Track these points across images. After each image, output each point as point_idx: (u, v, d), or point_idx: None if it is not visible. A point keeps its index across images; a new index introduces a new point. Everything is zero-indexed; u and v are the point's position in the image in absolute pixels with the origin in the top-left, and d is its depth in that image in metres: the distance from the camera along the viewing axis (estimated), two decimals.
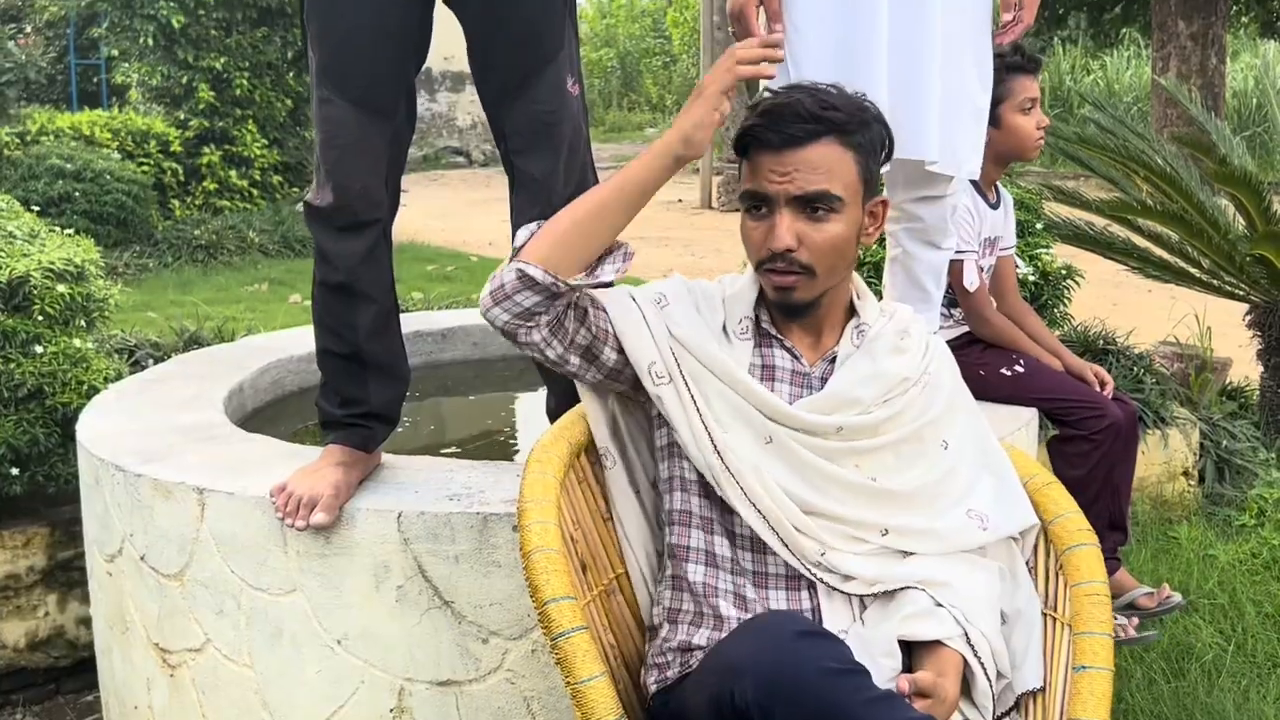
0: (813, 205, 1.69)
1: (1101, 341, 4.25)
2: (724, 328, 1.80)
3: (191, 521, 2.18)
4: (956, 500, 1.79)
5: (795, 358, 1.80)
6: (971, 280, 2.73)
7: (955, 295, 2.81)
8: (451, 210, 12.99)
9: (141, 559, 2.29)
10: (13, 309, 3.28)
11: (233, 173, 9.72)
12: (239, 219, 9.26)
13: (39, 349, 3.26)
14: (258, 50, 9.68)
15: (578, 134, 1.98)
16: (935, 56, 2.14)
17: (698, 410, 1.72)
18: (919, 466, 1.78)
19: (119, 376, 3.42)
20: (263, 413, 3.09)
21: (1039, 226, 4.07)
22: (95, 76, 13.09)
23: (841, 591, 1.69)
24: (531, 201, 2.00)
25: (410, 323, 3.64)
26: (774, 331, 1.80)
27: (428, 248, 9.67)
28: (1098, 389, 2.80)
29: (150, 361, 4.07)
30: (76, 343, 3.33)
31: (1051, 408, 2.79)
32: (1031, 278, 3.92)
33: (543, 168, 1.97)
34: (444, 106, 19.69)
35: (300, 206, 1.94)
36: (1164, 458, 4.03)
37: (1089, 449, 2.78)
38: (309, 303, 2.14)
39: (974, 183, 2.73)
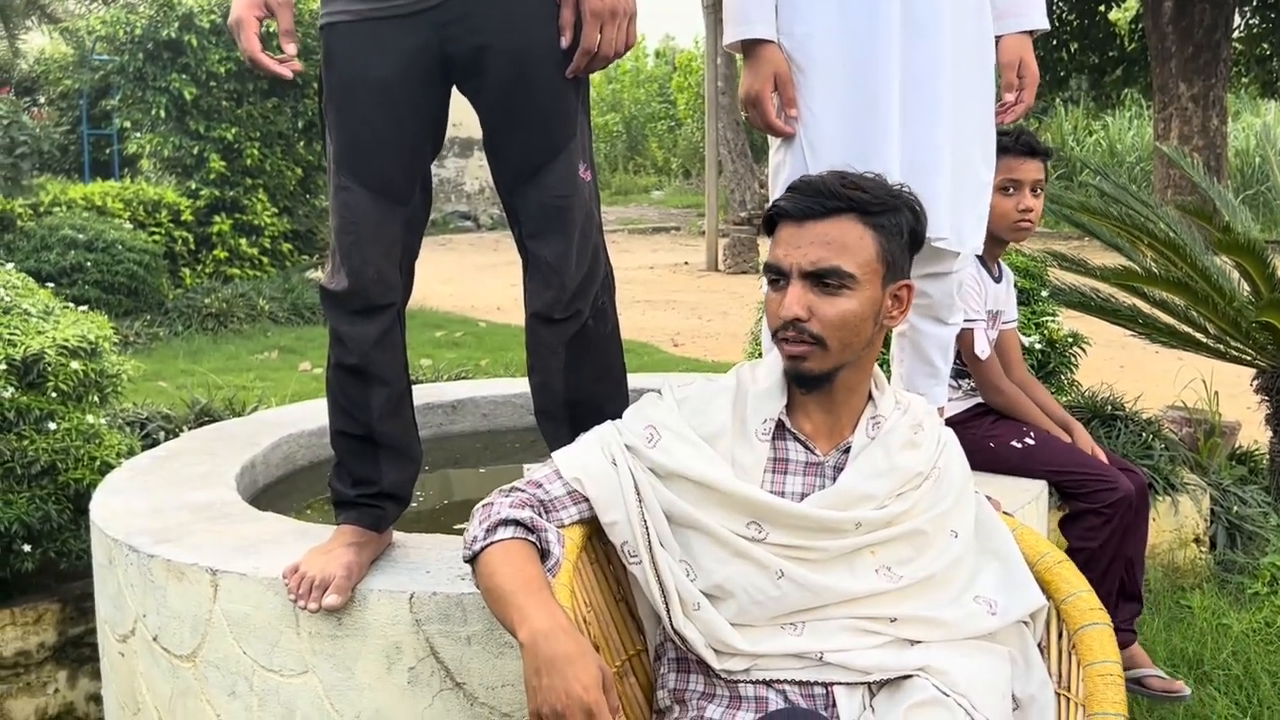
0: (823, 279, 1.72)
1: (1109, 408, 4.26)
2: (743, 426, 1.80)
3: (204, 602, 2.19)
4: (964, 587, 1.80)
5: (809, 449, 1.81)
6: (982, 349, 2.76)
7: (965, 365, 2.83)
8: (459, 275, 13.07)
9: (154, 639, 2.29)
10: (27, 386, 3.30)
11: (243, 241, 9.80)
12: (249, 287, 9.33)
13: (52, 426, 3.28)
14: (268, 120, 9.80)
15: (589, 218, 2.02)
16: (945, 137, 2.18)
17: (662, 592, 1.74)
18: (927, 555, 1.79)
19: (131, 451, 3.44)
20: (275, 488, 3.10)
21: (1044, 294, 4.09)
22: (108, 147, 13.23)
23: (849, 683, 1.70)
24: (545, 284, 2.03)
25: (420, 395, 3.65)
26: (789, 424, 1.81)
27: (435, 313, 9.72)
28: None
29: (162, 434, 4.10)
30: (89, 419, 3.35)
31: (1062, 480, 2.79)
32: (1038, 346, 3.94)
33: (554, 251, 2.00)
34: (452, 172, 19.89)
35: (315, 283, 1.96)
36: (1175, 524, 4.01)
37: (1100, 522, 2.78)
38: (319, 370, 2.16)
39: (979, 256, 2.76)
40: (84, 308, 3.82)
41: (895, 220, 1.76)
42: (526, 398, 3.90)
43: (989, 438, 2.82)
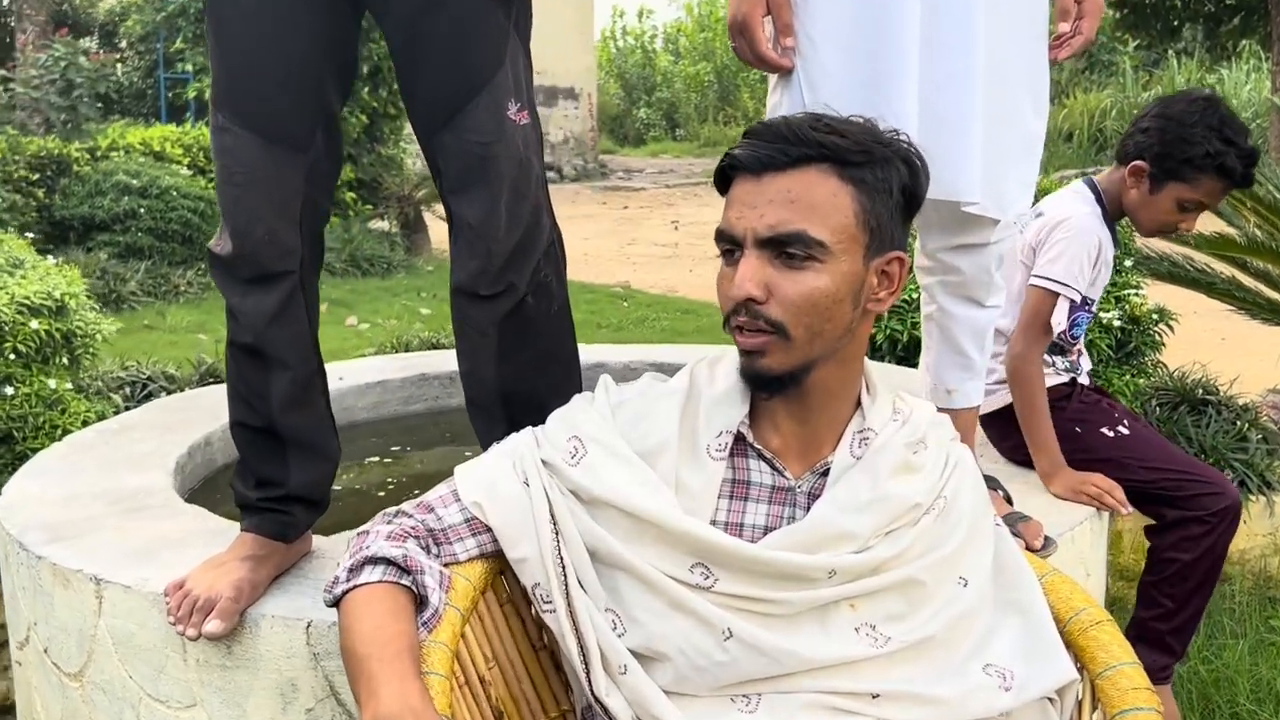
0: (785, 249, 1.32)
1: (1200, 391, 3.77)
2: (693, 440, 1.42)
3: (89, 616, 1.88)
4: (972, 653, 1.40)
5: (776, 470, 1.42)
6: (1059, 320, 2.29)
7: (1060, 340, 2.37)
8: None
9: (45, 651, 1.99)
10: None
11: None
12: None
13: (9, 390, 3.01)
14: None
15: (524, 171, 1.62)
16: (978, 76, 1.75)
17: (581, 650, 1.37)
18: (924, 611, 1.39)
19: (102, 418, 3.16)
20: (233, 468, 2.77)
21: (1128, 264, 3.62)
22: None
23: None
24: (469, 251, 1.65)
25: (417, 364, 3.33)
26: (752, 438, 1.42)
27: None
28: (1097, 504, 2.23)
29: (164, 395, 3.81)
30: (52, 383, 3.07)
31: (1161, 480, 2.34)
32: (1118, 322, 3.47)
33: (477, 211, 1.62)
34: None
35: (376, 234, 1.61)
36: (1268, 528, 3.54)
37: (1202, 531, 2.34)
38: (364, 325, 1.79)
39: (1106, 219, 2.35)
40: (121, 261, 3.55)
41: (882, 174, 1.35)
42: None
43: (1076, 420, 2.38)
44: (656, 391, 1.47)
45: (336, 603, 1.36)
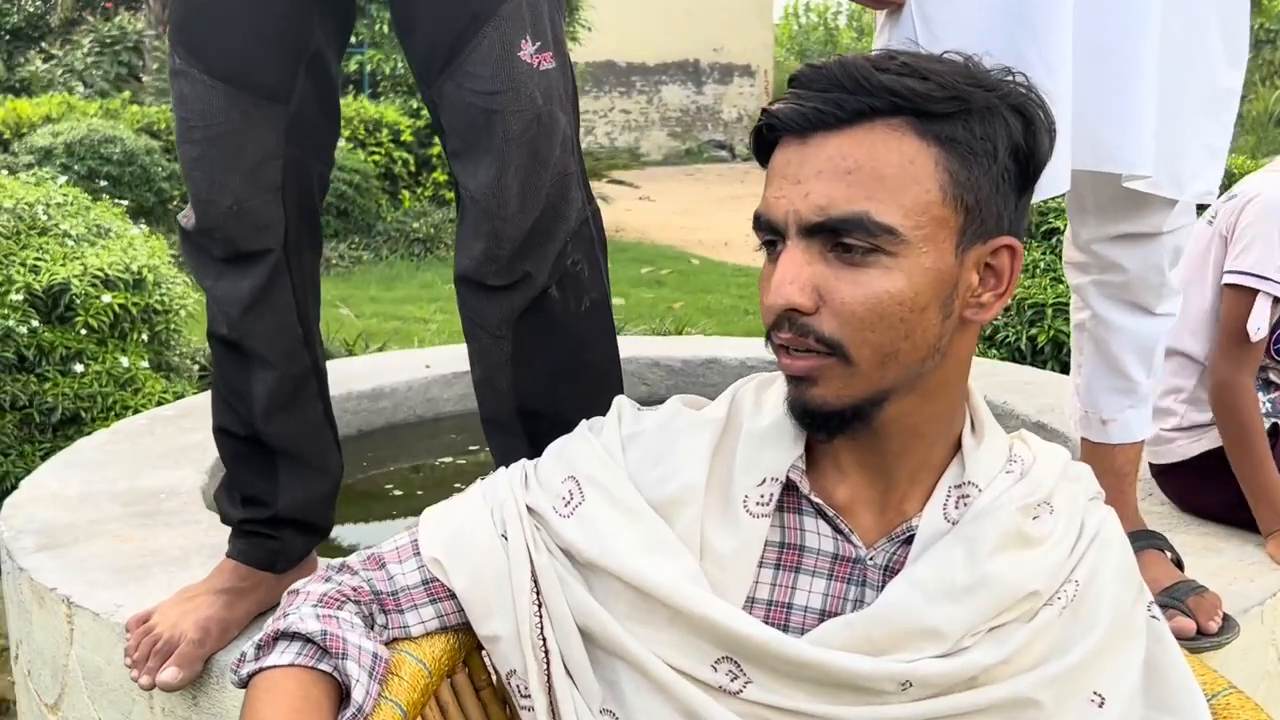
0: (841, 239, 0.93)
1: None
2: (727, 489, 1.05)
3: (61, 642, 1.63)
4: None
5: (841, 534, 1.04)
6: (1258, 325, 1.76)
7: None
8: (698, 207, 12.39)
9: (28, 674, 1.76)
10: (57, 320, 2.85)
11: None
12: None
13: (79, 368, 2.82)
14: None
15: (545, 129, 1.27)
16: (1151, 17, 1.32)
17: None
18: None
19: (178, 398, 2.96)
20: None
21: None
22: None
23: None
24: (474, 231, 1.30)
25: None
26: (807, 489, 1.04)
27: (652, 248, 9.08)
28: None
29: None
30: (125, 361, 2.87)
31: None
32: None
33: (482, 180, 1.27)
34: (710, 99, 19.15)
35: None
36: None
37: None
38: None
39: None
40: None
41: (983, 131, 0.95)
42: (680, 359, 3.22)
43: None
44: (683, 422, 1.10)
45: (244, 685, 1.04)
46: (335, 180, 8.13)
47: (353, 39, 6.64)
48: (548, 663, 1.05)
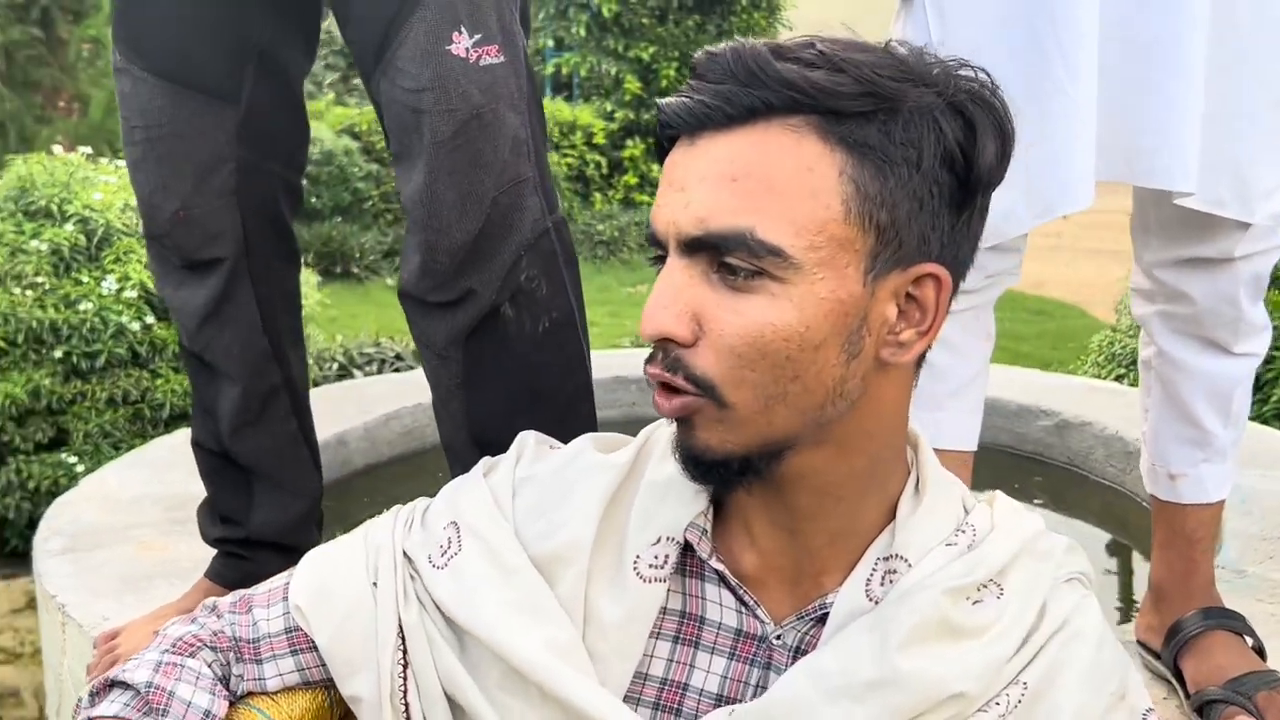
0: (724, 258, 0.78)
1: None
2: (619, 547, 0.91)
3: (57, 652, 1.60)
4: None
5: (746, 606, 0.88)
6: None
7: None
8: None
9: (58, 678, 1.75)
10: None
11: (655, 166, 9.39)
12: (647, 214, 8.92)
13: None
14: (689, 40, 9.27)
15: (486, 130, 1.14)
16: (1197, 6, 1.09)
17: None
18: None
19: None
20: (374, 472, 2.47)
21: None
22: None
23: None
24: (412, 243, 1.19)
25: (611, 365, 2.90)
26: (708, 556, 0.89)
27: None
28: None
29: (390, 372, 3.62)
30: None
31: None
32: None
33: (412, 188, 1.15)
34: None
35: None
36: None
37: None
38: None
39: None
40: None
41: (907, 134, 0.77)
42: None
43: None
44: (582, 465, 0.96)
45: None
46: None
47: (550, 42, 6.66)
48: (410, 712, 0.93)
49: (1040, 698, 0.83)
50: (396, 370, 3.67)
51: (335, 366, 3.61)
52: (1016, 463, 2.52)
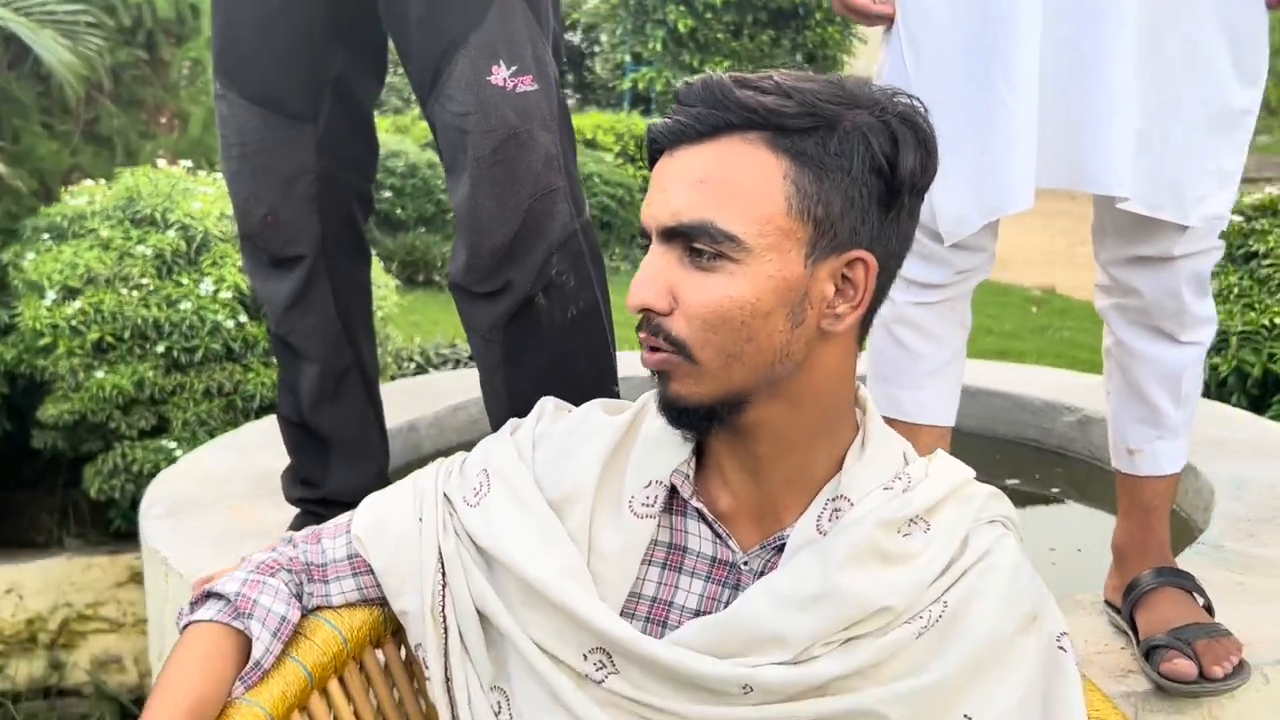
0: (693, 244, 0.99)
1: None
2: (617, 490, 1.12)
3: (160, 599, 1.84)
4: None
5: (720, 538, 1.08)
6: None
7: None
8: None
9: (160, 622, 1.99)
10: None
11: None
12: None
13: None
14: (764, 54, 9.45)
15: (522, 148, 1.35)
16: (1124, 23, 1.26)
17: None
18: None
19: None
20: (440, 456, 2.69)
21: None
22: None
23: None
24: (461, 242, 1.41)
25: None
26: (690, 496, 1.09)
27: None
28: None
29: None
30: None
31: None
32: None
33: (459, 196, 1.37)
34: None
35: None
36: None
37: None
38: None
39: None
40: None
41: (840, 146, 0.97)
42: None
43: None
44: (590, 426, 1.17)
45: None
46: (599, 193, 8.45)
47: (628, 57, 6.89)
48: (446, 639, 1.14)
49: (958, 616, 1.02)
50: (469, 368, 3.90)
51: (413, 365, 3.85)
52: (1041, 456, 2.68)
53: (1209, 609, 1.49)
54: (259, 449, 2.39)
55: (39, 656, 3.12)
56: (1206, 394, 2.88)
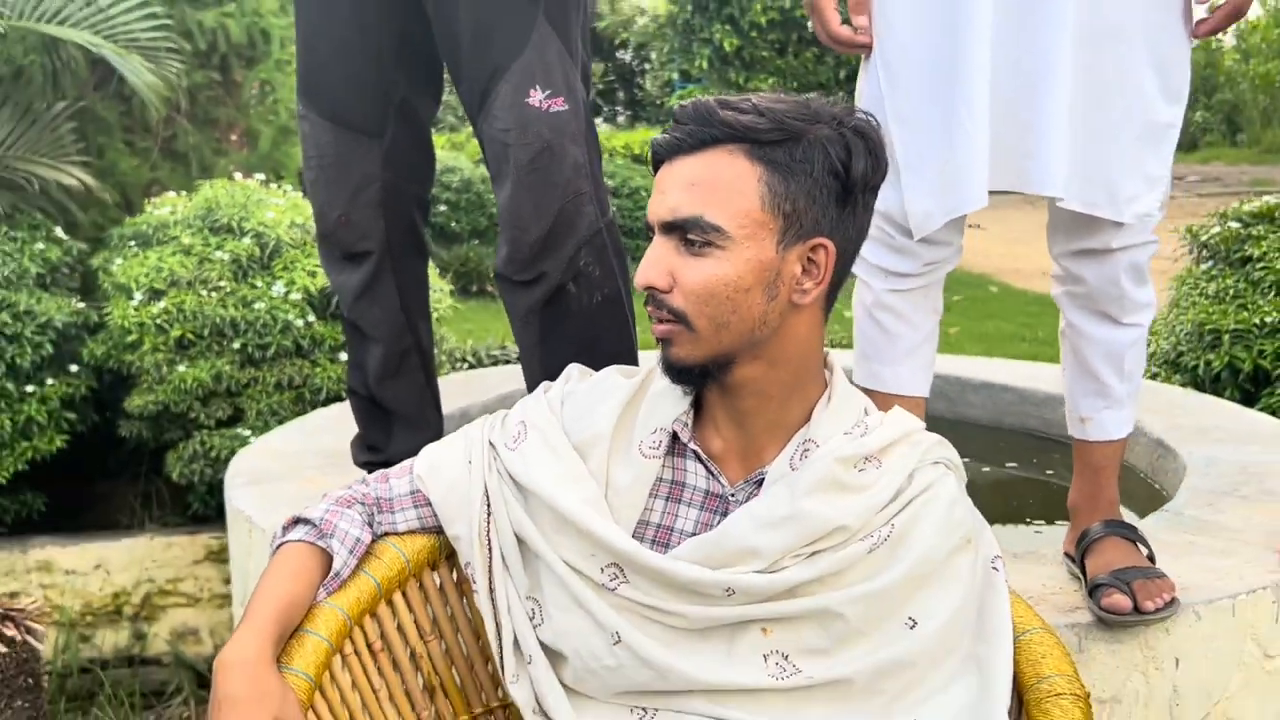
0: (687, 234, 1.24)
1: None
2: (629, 436, 1.38)
3: (244, 553, 2.11)
4: (900, 705, 1.24)
5: (711, 474, 1.33)
6: None
7: None
8: (1027, 235, 12.14)
9: (244, 573, 2.26)
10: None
11: None
12: None
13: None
14: (808, 70, 9.69)
15: (555, 158, 1.61)
16: (1061, 53, 1.50)
17: (499, 636, 1.38)
18: (852, 649, 1.25)
19: None
20: None
21: None
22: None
23: None
24: (503, 238, 1.68)
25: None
26: (688, 438, 1.35)
27: (960, 275, 9.10)
28: None
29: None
30: None
31: None
32: None
33: (503, 199, 1.64)
34: None
35: None
36: None
37: None
38: None
39: None
40: None
41: (803, 154, 1.23)
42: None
43: None
44: (607, 385, 1.43)
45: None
46: (646, 204, 8.70)
47: (675, 75, 7.17)
48: (490, 558, 1.39)
49: (904, 536, 1.26)
50: (517, 366, 4.18)
51: (466, 365, 4.13)
52: (1042, 444, 2.89)
53: (1151, 559, 1.71)
54: (323, 432, 2.66)
55: (123, 628, 3.40)
56: (1201, 389, 3.09)
